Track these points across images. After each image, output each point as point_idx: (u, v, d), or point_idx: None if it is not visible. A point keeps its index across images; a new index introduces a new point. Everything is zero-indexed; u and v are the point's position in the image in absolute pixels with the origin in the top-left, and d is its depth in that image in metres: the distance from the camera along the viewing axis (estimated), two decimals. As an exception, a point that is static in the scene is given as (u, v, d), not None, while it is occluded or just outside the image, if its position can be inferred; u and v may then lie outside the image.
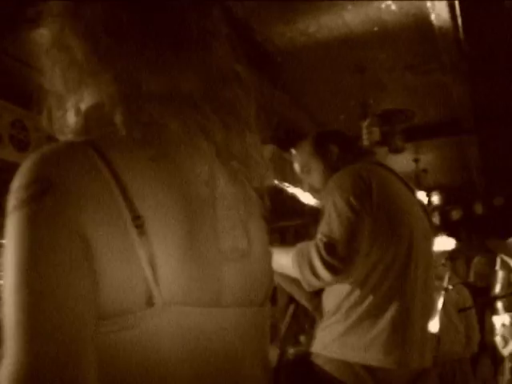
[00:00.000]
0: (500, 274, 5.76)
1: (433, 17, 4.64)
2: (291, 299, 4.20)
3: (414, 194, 2.58)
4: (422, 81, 6.05)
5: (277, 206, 2.61)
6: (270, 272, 1.18)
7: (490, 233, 8.54)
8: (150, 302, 0.94)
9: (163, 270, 0.96)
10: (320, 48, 5.25)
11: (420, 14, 4.65)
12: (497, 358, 5.89)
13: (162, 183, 1.01)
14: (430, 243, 2.55)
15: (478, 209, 10.53)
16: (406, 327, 2.32)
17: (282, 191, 6.61)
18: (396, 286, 2.32)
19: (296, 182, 6.91)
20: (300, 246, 2.33)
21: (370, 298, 2.30)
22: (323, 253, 2.17)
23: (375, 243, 2.30)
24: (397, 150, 6.40)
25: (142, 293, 0.95)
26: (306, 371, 2.34)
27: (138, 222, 0.95)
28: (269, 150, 6.28)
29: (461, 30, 4.92)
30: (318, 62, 5.50)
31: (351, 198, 2.27)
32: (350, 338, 2.29)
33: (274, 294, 4.32)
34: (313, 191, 2.68)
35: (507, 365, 5.59)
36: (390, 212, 2.35)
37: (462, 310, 5.34)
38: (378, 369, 2.25)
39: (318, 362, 2.32)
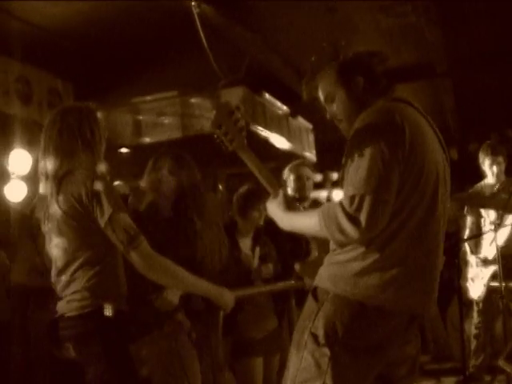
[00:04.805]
0: (469, 219, 5.81)
1: (404, -43, 4.57)
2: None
3: (437, 135, 2.49)
4: (395, 23, 5.99)
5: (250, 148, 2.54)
6: None
7: (465, 178, 8.58)
8: None
9: None
10: (291, -12, 5.18)
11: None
12: (465, 302, 5.94)
13: None
14: (447, 191, 2.48)
15: (454, 154, 10.56)
16: (424, 273, 2.33)
17: (254, 134, 6.56)
18: (418, 231, 2.30)
19: (267, 125, 6.88)
20: (325, 207, 2.27)
21: (391, 240, 2.27)
22: (349, 210, 2.16)
23: (401, 192, 2.25)
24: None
25: None
26: None
27: None
28: (240, 91, 6.24)
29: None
30: (289, 2, 5.41)
31: (384, 147, 2.20)
32: (367, 278, 2.26)
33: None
34: (336, 120, 2.57)
35: (475, 307, 5.65)
36: (419, 161, 2.28)
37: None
38: (388, 311, 2.26)
39: (327, 298, 2.31)
